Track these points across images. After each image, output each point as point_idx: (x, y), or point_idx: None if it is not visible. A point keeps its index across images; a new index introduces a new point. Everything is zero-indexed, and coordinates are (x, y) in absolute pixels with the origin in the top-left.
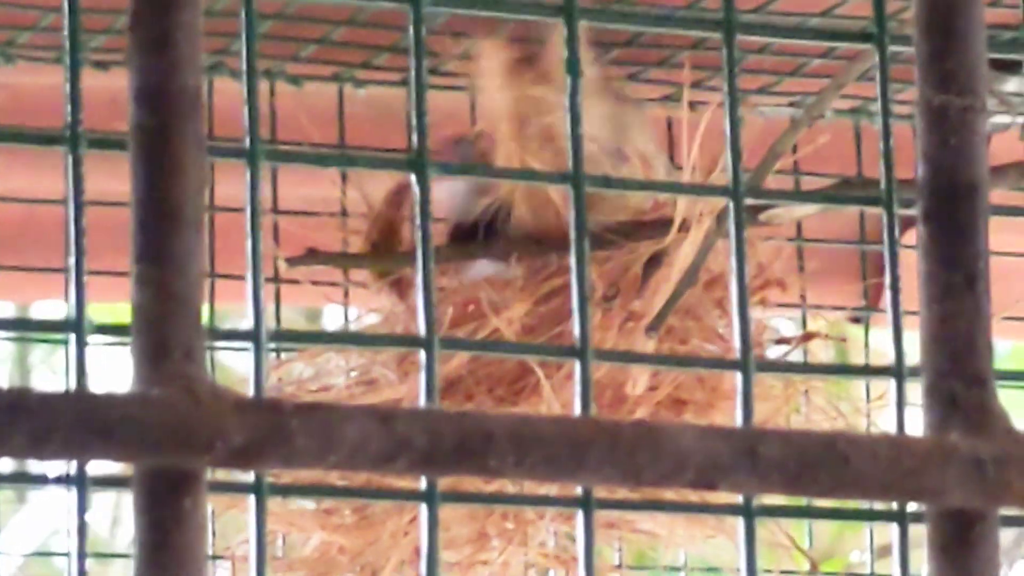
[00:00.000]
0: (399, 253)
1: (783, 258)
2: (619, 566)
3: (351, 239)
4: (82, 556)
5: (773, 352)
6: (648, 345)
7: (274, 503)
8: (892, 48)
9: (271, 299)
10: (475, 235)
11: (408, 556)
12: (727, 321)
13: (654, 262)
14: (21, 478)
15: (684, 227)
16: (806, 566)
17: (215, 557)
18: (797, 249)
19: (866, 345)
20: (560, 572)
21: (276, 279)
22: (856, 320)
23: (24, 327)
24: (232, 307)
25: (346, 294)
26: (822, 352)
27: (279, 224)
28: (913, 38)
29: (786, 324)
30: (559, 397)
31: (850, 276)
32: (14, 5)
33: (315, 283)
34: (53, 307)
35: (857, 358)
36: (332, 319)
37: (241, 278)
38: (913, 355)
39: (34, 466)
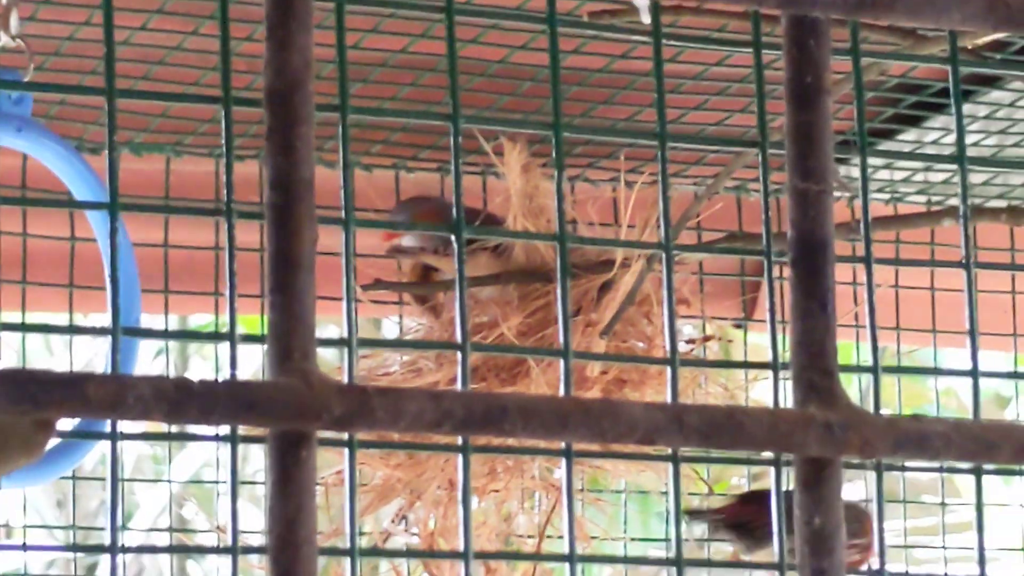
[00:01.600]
0: (434, 282)
1: (689, 284)
2: (581, 490)
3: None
4: (235, 491)
5: (682, 348)
6: (601, 344)
7: None
8: (770, 151)
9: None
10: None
11: (443, 484)
12: (651, 327)
13: (605, 288)
14: (194, 437)
15: (625, 265)
16: (705, 488)
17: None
18: (699, 279)
19: (745, 343)
20: (542, 494)
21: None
22: (738, 326)
23: (195, 337)
24: (324, 317)
25: (400, 308)
26: (715, 347)
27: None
28: (785, 144)
29: (690, 329)
30: (543, 377)
31: (734, 296)
32: (180, 118)
33: (379, 302)
34: (203, 318)
35: (739, 351)
36: (389, 326)
37: (330, 298)
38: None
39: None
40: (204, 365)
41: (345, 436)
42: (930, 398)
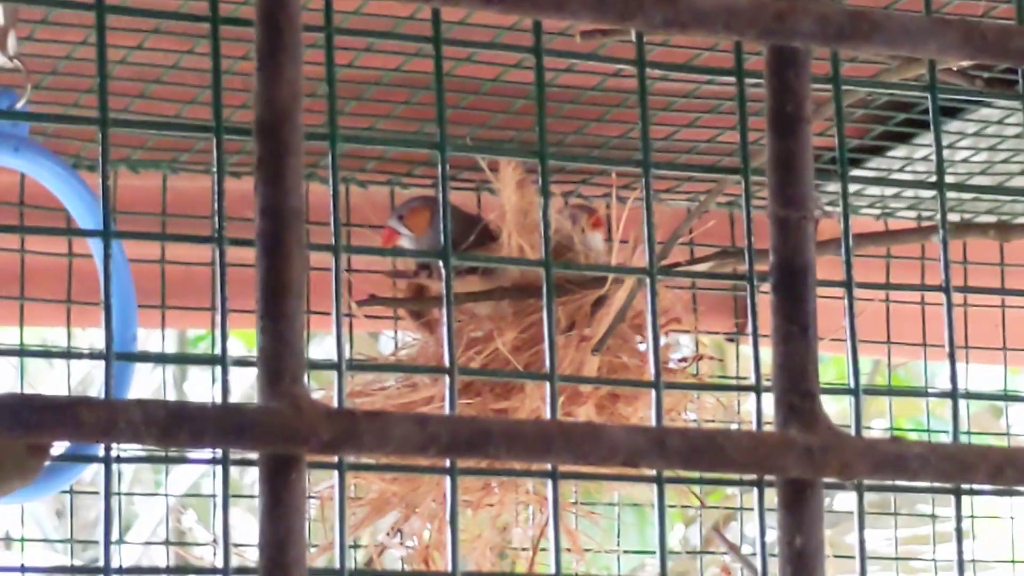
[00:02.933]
0: (428, 298)
1: (682, 299)
2: (575, 503)
3: (398, 289)
4: (226, 507)
5: (676, 365)
6: (594, 359)
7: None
8: (753, 178)
9: (346, 327)
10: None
11: (437, 497)
12: (644, 342)
13: (598, 303)
14: (187, 460)
15: (618, 280)
16: (697, 502)
17: (309, 496)
18: (692, 294)
19: (737, 356)
20: (536, 507)
21: (350, 314)
22: (730, 339)
23: (187, 361)
24: (323, 331)
25: (396, 322)
26: (709, 362)
27: (352, 279)
28: (766, 172)
29: (686, 342)
30: (538, 391)
31: (727, 310)
32: (178, 136)
33: (374, 317)
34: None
35: (731, 364)
36: (386, 340)
37: (326, 313)
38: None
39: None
40: (202, 374)
41: (334, 460)
42: (923, 408)
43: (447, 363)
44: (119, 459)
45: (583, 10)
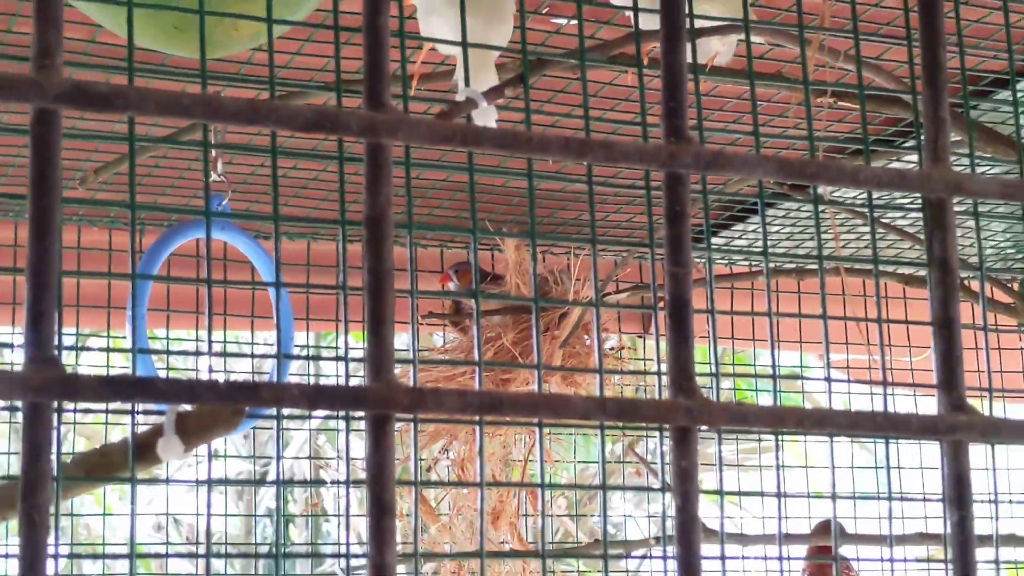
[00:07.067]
0: (462, 314)
1: (611, 314)
2: (548, 432)
3: (445, 308)
4: (348, 449)
5: (608, 351)
6: (560, 350)
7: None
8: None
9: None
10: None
11: (469, 431)
12: (589, 339)
13: (563, 315)
14: (323, 417)
15: (575, 303)
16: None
17: None
18: (618, 312)
19: (644, 347)
20: (527, 436)
21: (417, 323)
22: (639, 337)
23: (320, 359)
24: (397, 331)
25: (444, 328)
26: (627, 350)
27: (419, 303)
28: (664, 245)
29: (613, 340)
30: (526, 372)
31: (637, 320)
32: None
33: (431, 324)
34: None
35: (640, 351)
36: (438, 338)
37: (400, 322)
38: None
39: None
40: (329, 366)
41: (410, 416)
42: (770, 383)
43: (476, 357)
44: (286, 416)
45: (559, 152)
